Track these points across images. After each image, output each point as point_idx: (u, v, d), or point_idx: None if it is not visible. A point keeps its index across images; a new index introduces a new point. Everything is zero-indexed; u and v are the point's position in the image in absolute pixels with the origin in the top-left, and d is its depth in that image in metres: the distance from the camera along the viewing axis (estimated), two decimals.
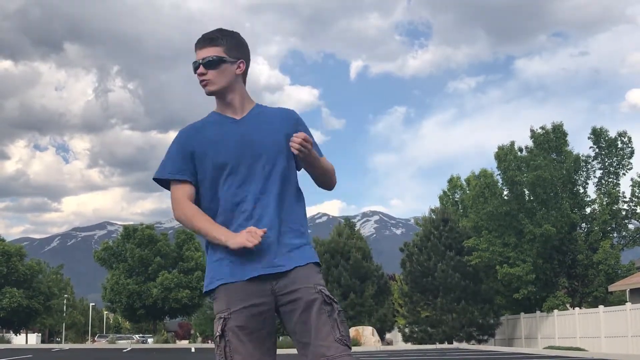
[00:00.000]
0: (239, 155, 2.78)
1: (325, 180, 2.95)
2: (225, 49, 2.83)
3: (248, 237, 2.63)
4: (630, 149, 33.22)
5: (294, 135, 2.74)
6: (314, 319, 2.66)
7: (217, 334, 2.68)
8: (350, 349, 2.69)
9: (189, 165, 2.81)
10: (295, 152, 2.74)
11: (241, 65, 2.87)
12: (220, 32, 2.86)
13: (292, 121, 2.90)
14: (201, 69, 2.81)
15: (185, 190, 2.81)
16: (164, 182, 2.87)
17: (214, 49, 2.82)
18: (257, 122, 2.84)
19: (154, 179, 2.87)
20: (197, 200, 2.83)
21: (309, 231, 2.94)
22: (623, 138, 33.28)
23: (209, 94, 2.85)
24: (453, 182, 47.20)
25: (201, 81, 2.82)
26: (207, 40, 2.84)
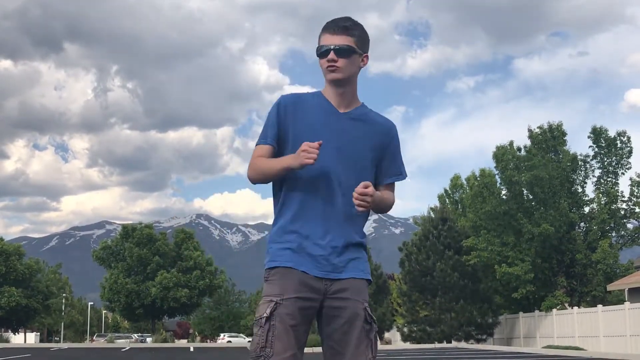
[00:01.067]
0: (331, 150, 2.77)
1: (376, 212, 2.95)
2: (356, 40, 2.83)
3: (305, 155, 2.63)
4: (629, 148, 33.24)
5: (361, 185, 2.68)
6: (356, 334, 2.72)
7: (265, 315, 2.66)
8: None
9: (281, 134, 2.82)
10: (357, 208, 2.71)
11: (365, 59, 2.88)
12: (353, 22, 2.85)
13: (389, 135, 2.91)
14: (332, 55, 2.78)
15: (264, 153, 2.81)
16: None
17: (347, 38, 2.80)
18: (357, 123, 2.84)
19: (258, 141, 2.85)
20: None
21: None
22: (622, 137, 33.29)
23: (333, 81, 2.83)
24: (454, 181, 47.21)
25: (329, 67, 2.80)
26: (341, 28, 2.81)
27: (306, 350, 2.90)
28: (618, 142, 33.28)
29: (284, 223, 2.80)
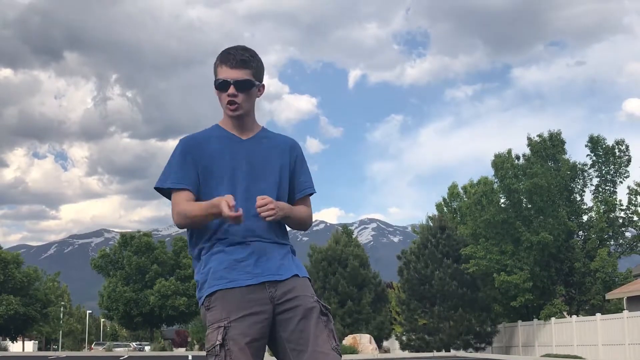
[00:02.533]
0: (239, 174, 2.82)
1: (297, 228, 2.99)
2: (254, 72, 2.85)
3: (228, 211, 2.62)
4: (627, 157, 33.29)
5: (258, 199, 2.71)
6: (313, 327, 2.70)
7: (217, 342, 2.63)
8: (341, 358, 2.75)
9: (191, 174, 2.83)
10: (265, 217, 2.72)
11: (261, 89, 2.92)
12: (250, 53, 2.86)
13: (292, 152, 2.96)
14: (232, 90, 2.80)
15: (185, 197, 2.82)
16: (165, 192, 2.90)
17: (245, 72, 2.82)
18: (260, 146, 2.89)
19: (155, 188, 2.89)
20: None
21: (306, 239, 2.98)
22: (621, 146, 33.35)
23: (235, 117, 2.86)
24: (452, 189, 47.25)
25: (230, 102, 2.82)
26: (240, 62, 2.82)
27: None
28: (616, 150, 33.33)
29: (206, 250, 2.81)
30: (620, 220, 33.07)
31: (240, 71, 2.81)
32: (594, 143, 33.51)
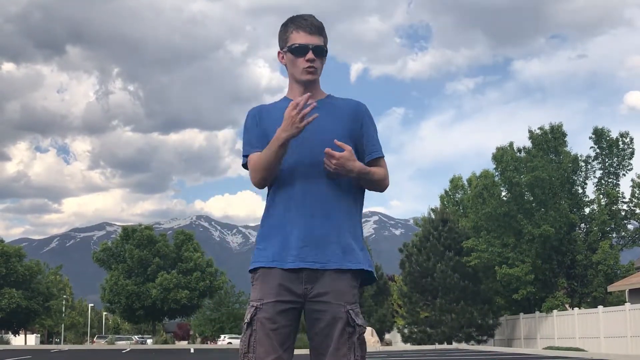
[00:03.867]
0: (299, 142, 2.78)
1: (372, 188, 2.95)
2: (325, 41, 2.89)
3: (289, 122, 2.66)
4: (631, 149, 33.21)
5: (332, 151, 2.71)
6: (336, 337, 2.72)
7: (246, 321, 2.74)
8: None
9: (261, 140, 2.85)
10: (327, 167, 2.73)
11: (325, 58, 2.92)
12: (321, 22, 2.90)
13: (358, 115, 2.91)
14: (311, 55, 2.82)
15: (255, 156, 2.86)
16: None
17: (320, 39, 2.86)
18: (324, 112, 2.84)
19: (243, 156, 2.90)
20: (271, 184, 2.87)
21: None
22: (625, 139, 33.25)
23: (308, 82, 2.86)
24: (454, 182, 47.20)
25: (309, 67, 2.83)
26: (317, 28, 2.85)
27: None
28: (620, 143, 33.24)
29: (269, 222, 2.84)
30: (623, 213, 33.02)
31: (317, 37, 2.85)
32: (598, 135, 33.44)
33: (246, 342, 2.73)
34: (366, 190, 2.94)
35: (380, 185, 2.91)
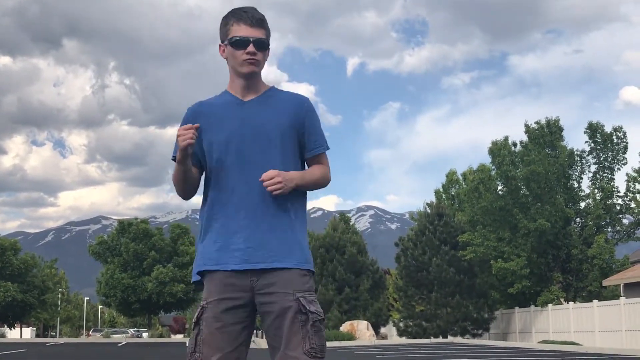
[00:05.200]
0: (235, 141, 2.76)
1: (314, 189, 2.92)
2: (266, 33, 2.86)
3: (181, 139, 2.65)
4: (625, 143, 33.26)
5: (263, 175, 2.68)
6: (287, 327, 2.66)
7: (194, 320, 2.73)
8: (322, 358, 2.68)
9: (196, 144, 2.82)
10: (272, 192, 2.69)
11: (268, 52, 2.90)
12: (263, 15, 2.87)
13: (301, 110, 2.87)
14: (252, 48, 2.79)
15: None
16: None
17: (262, 31, 2.82)
18: (264, 106, 2.83)
19: (172, 158, 2.88)
20: (207, 180, 2.85)
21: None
22: (618, 133, 33.32)
23: (249, 73, 2.83)
24: (450, 176, 47.22)
25: (249, 60, 2.79)
26: (258, 20, 2.82)
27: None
28: (614, 137, 33.31)
29: (205, 223, 2.80)
30: (618, 207, 33.09)
31: (258, 30, 2.81)
32: (593, 129, 33.49)
33: (193, 341, 2.70)
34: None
35: (319, 185, 2.89)
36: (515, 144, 34.14)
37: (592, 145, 33.66)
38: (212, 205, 2.78)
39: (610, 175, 33.46)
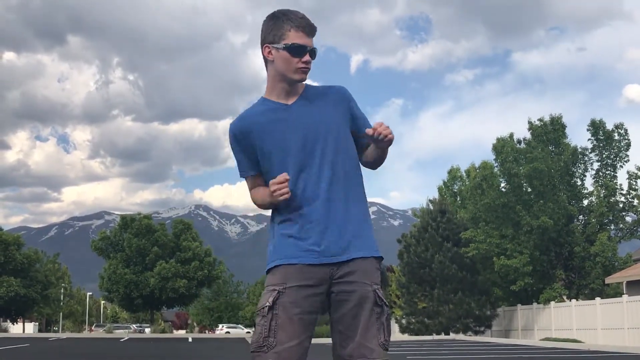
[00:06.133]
0: (291, 146, 2.76)
1: (379, 163, 2.96)
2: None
3: (277, 195, 2.67)
4: (627, 141, 33.21)
5: (374, 125, 2.73)
6: (365, 317, 2.67)
7: (267, 304, 2.65)
8: (388, 352, 2.73)
9: (251, 160, 2.85)
10: (387, 137, 2.72)
11: None
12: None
13: (344, 99, 2.88)
14: (309, 57, 2.78)
15: (254, 183, 2.89)
16: None
17: (312, 41, 2.83)
18: (308, 105, 2.83)
19: (240, 174, 2.93)
20: (267, 177, 2.86)
21: None
22: (620, 130, 33.28)
23: (298, 80, 2.81)
24: (452, 173, 47.18)
25: (304, 68, 2.78)
26: (314, 30, 2.82)
27: (313, 340, 2.86)
28: (616, 134, 33.26)
29: (281, 219, 2.79)
30: (621, 205, 33.04)
31: (311, 39, 2.81)
32: (596, 127, 33.43)
33: (267, 326, 2.63)
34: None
35: (384, 158, 2.94)
36: (519, 141, 34.10)
37: (595, 142, 33.61)
38: (289, 201, 2.75)
39: (613, 173, 33.40)
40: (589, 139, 33.71)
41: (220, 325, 67.35)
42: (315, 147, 2.76)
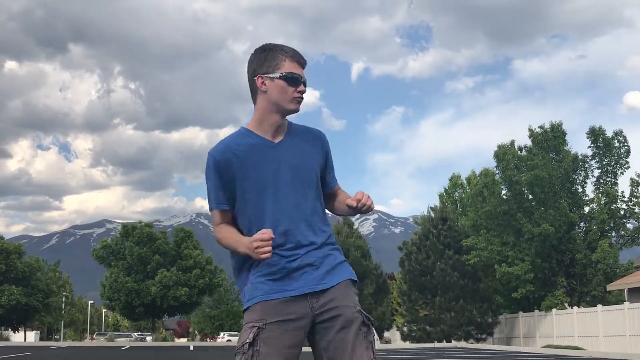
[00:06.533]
0: (274, 182, 2.76)
1: (347, 215, 2.99)
2: None
3: (259, 252, 2.62)
4: (626, 147, 33.24)
5: (357, 195, 2.74)
6: (352, 338, 2.66)
7: (247, 341, 2.63)
8: None
9: (227, 193, 2.80)
10: (370, 208, 2.76)
11: None
12: None
13: (324, 145, 2.90)
14: (303, 88, 2.79)
15: (223, 217, 2.84)
16: None
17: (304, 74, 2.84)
18: (295, 148, 2.82)
19: (210, 207, 2.87)
20: (239, 214, 2.83)
21: None
22: (619, 137, 33.30)
23: (293, 112, 2.81)
24: (454, 180, 47.20)
25: (298, 98, 2.78)
26: (305, 63, 2.83)
27: None
28: (615, 141, 33.29)
29: (247, 260, 2.78)
30: (622, 212, 33.03)
31: (303, 71, 2.81)
32: (595, 134, 33.46)
33: None
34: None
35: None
36: (520, 149, 34.13)
37: (595, 150, 33.63)
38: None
39: (613, 180, 33.42)
40: (588, 146, 33.76)
41: (221, 334, 67.29)
42: (298, 189, 2.77)
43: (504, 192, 33.85)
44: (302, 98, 2.79)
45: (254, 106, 2.83)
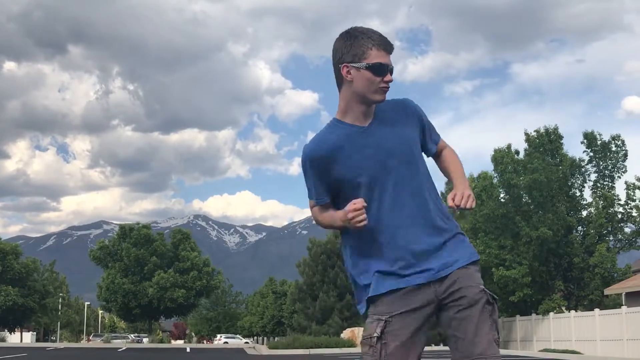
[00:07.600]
0: (374, 168, 2.70)
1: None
2: None
3: (355, 222, 2.58)
4: (624, 151, 33.27)
5: (450, 199, 2.73)
6: (477, 317, 2.65)
7: (375, 335, 2.62)
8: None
9: (326, 183, 2.75)
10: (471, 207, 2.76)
11: None
12: None
13: (414, 112, 2.83)
14: (390, 77, 2.70)
15: (323, 206, 2.81)
16: None
17: (391, 59, 2.74)
18: (382, 124, 2.75)
19: (309, 196, 2.85)
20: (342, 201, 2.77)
21: (305, 232, 2.89)
22: (617, 141, 33.33)
23: (380, 102, 2.73)
24: (450, 184, 47.24)
25: (385, 88, 2.70)
26: (392, 48, 2.73)
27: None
28: (613, 146, 33.31)
29: (365, 248, 2.74)
30: (619, 216, 33.05)
31: (390, 58, 2.72)
32: (589, 139, 33.50)
33: (377, 356, 2.61)
34: None
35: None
36: (517, 152, 34.13)
37: (591, 154, 33.65)
38: (370, 231, 2.69)
39: (610, 184, 33.44)
40: (584, 151, 33.80)
41: (218, 336, 67.22)
42: (394, 171, 2.70)
43: (502, 195, 33.86)
44: (389, 87, 2.71)
45: (339, 94, 2.77)
